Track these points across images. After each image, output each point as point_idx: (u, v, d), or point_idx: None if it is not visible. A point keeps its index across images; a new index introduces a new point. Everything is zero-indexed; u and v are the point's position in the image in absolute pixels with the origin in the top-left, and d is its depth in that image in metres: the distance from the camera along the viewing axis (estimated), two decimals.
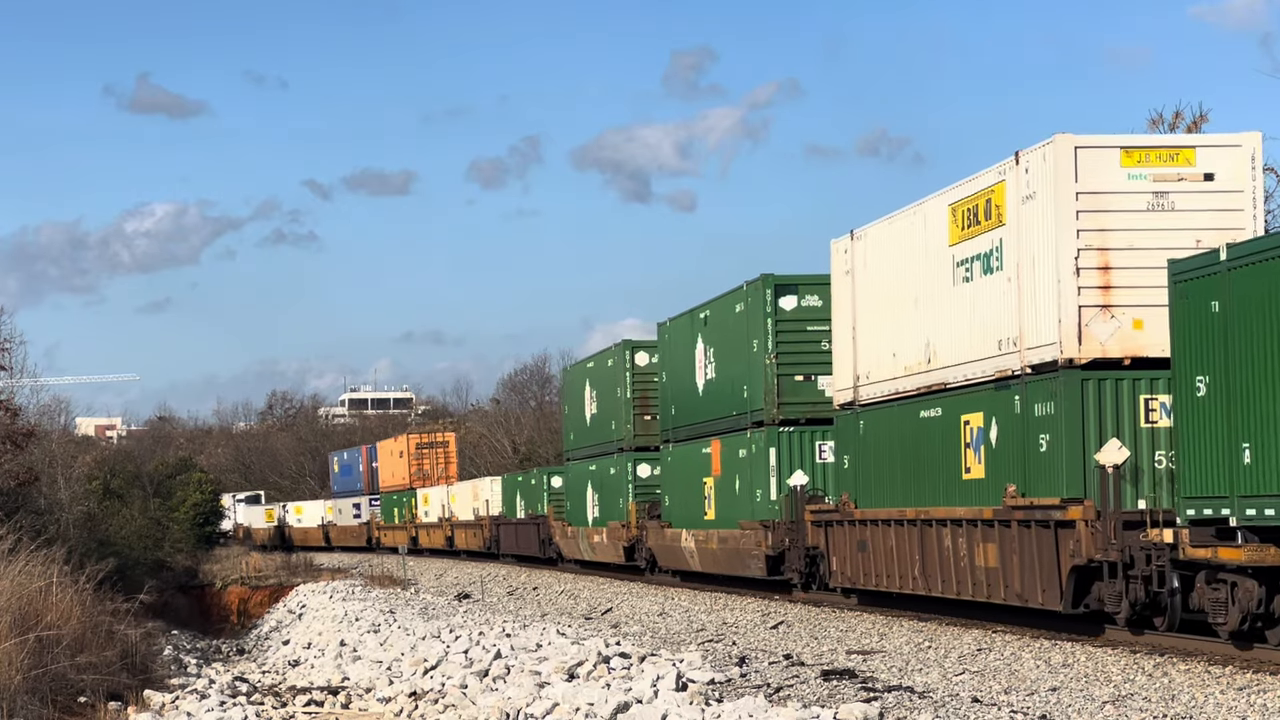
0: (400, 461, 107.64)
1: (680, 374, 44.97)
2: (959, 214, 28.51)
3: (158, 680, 28.33)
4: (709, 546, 41.92)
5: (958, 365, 28.61)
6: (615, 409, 52.33)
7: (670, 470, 46.39)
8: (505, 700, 22.25)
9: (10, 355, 48.49)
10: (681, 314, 45.26)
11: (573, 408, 59.89)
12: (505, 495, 74.04)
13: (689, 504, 43.79)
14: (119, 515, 66.77)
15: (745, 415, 38.82)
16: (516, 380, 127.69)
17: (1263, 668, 20.85)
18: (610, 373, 53.31)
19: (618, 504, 51.67)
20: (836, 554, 33.97)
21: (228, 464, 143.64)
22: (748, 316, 38.74)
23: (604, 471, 53.84)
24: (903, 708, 19.93)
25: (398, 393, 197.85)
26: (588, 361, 57.79)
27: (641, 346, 51.17)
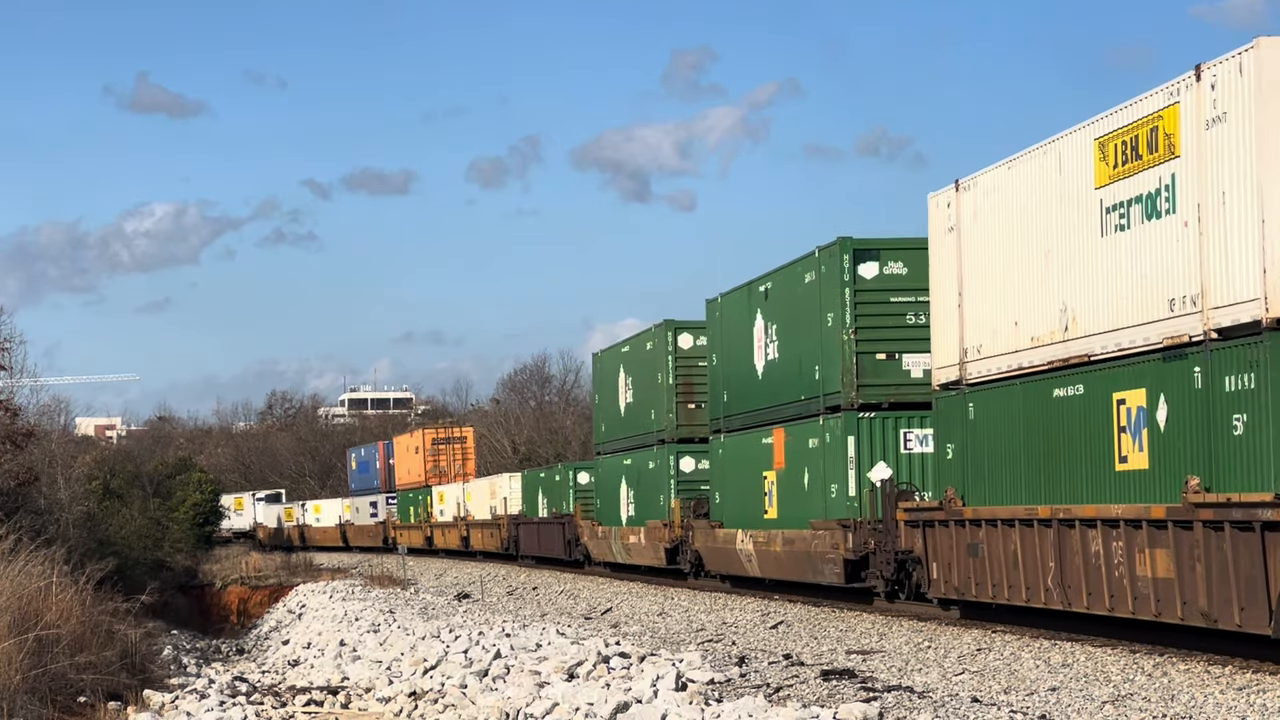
0: (416, 458, 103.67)
1: (735, 355, 40.39)
2: (1110, 149, 23.70)
3: (157, 680, 28.34)
4: (771, 549, 37.46)
5: (1108, 333, 23.80)
6: (655, 397, 48.08)
7: (722, 464, 41.78)
8: (505, 700, 22.25)
9: (10, 355, 48.56)
10: (736, 288, 40.53)
11: (604, 396, 55.29)
12: (526, 493, 70.51)
13: (745, 501, 39.50)
14: (119, 515, 66.83)
15: (816, 400, 34.66)
16: (516, 380, 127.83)
17: (1262, 668, 20.83)
18: (649, 357, 48.87)
19: (657, 501, 47.40)
20: (938, 559, 29.10)
21: (228, 464, 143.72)
22: (820, 287, 34.35)
23: (641, 466, 49.68)
24: (902, 708, 19.92)
25: (398, 393, 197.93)
26: (622, 345, 52.81)
27: (685, 327, 46.87)
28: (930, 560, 29.55)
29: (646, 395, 48.95)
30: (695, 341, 46.16)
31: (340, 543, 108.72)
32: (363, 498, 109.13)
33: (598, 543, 55.52)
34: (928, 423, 31.29)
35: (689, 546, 44.45)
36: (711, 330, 43.14)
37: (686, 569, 45.21)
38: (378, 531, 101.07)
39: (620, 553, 52.24)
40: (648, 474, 48.77)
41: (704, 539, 42.86)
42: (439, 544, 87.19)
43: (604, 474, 55.02)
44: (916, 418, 32.58)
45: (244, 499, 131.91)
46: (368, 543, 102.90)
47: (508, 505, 72.76)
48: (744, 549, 39.28)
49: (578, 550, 59.31)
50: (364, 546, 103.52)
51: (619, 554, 52.59)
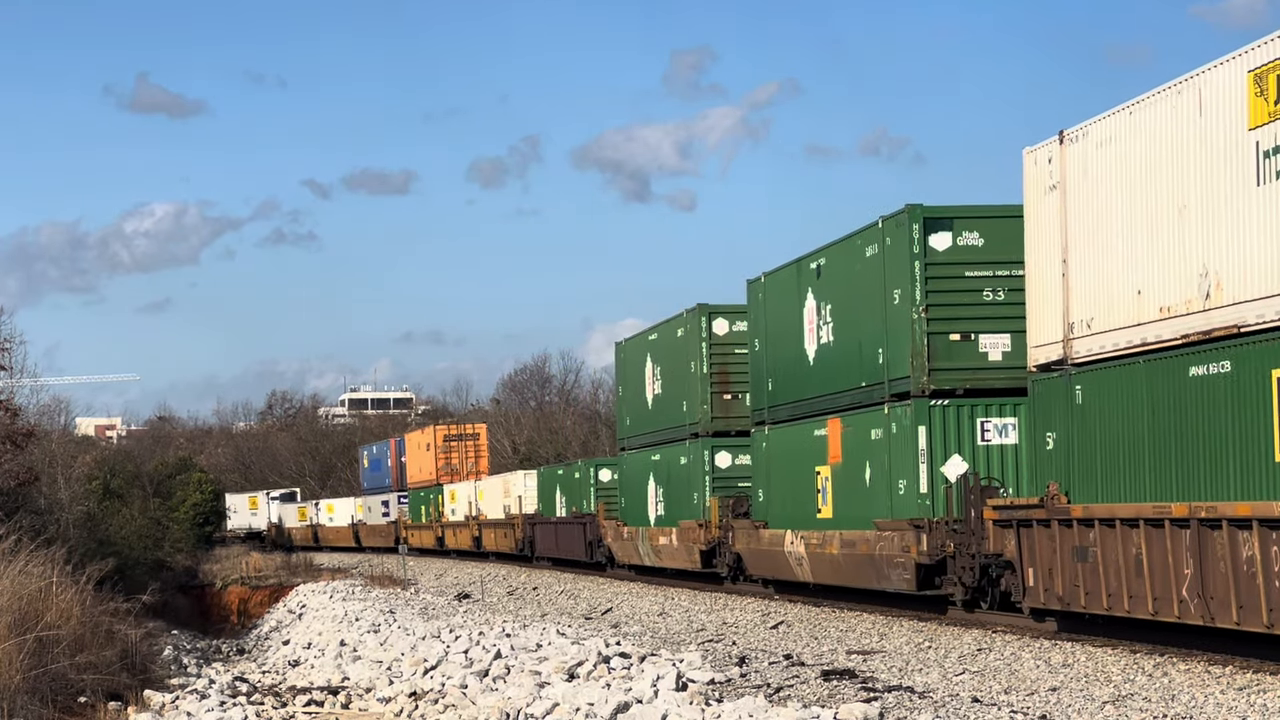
0: (427, 455, 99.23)
1: (781, 340, 36.98)
2: (1269, 83, 20.43)
3: (158, 680, 28.34)
4: (826, 552, 33.91)
5: (1265, 299, 20.50)
6: (687, 388, 44.35)
7: (766, 458, 38.29)
8: (505, 700, 22.25)
9: (10, 355, 48.56)
10: (783, 265, 37.11)
11: (629, 388, 51.39)
12: (542, 491, 67.38)
13: (794, 499, 36.10)
14: (119, 515, 66.91)
15: (879, 386, 31.45)
16: (516, 380, 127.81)
17: (1263, 668, 20.84)
18: (680, 345, 44.99)
19: (691, 500, 43.82)
20: (1036, 564, 25.57)
21: (228, 464, 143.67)
22: (885, 260, 31.10)
23: (671, 462, 45.99)
24: (903, 708, 19.92)
25: (398, 393, 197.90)
26: (649, 333, 48.93)
27: (720, 311, 43.22)
28: (1025, 565, 25.92)
29: (677, 386, 45.40)
30: (731, 327, 42.76)
31: (353, 543, 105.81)
32: (375, 497, 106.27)
33: (623, 544, 51.85)
34: (1007, 411, 29.43)
35: (728, 548, 41.24)
36: (753, 313, 39.58)
37: (724, 573, 42.06)
38: (389, 531, 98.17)
39: (648, 555, 48.74)
40: (679, 470, 45.26)
41: (746, 540, 39.47)
42: (450, 544, 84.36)
43: (629, 471, 51.22)
44: (995, 405, 29.75)
45: (258, 498, 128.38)
46: (379, 543, 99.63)
47: (522, 504, 69.72)
48: (793, 551, 35.85)
49: (600, 552, 56.02)
50: (376, 547, 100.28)
51: (647, 556, 49.05)
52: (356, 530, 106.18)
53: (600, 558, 55.89)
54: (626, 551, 51.47)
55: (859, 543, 32.08)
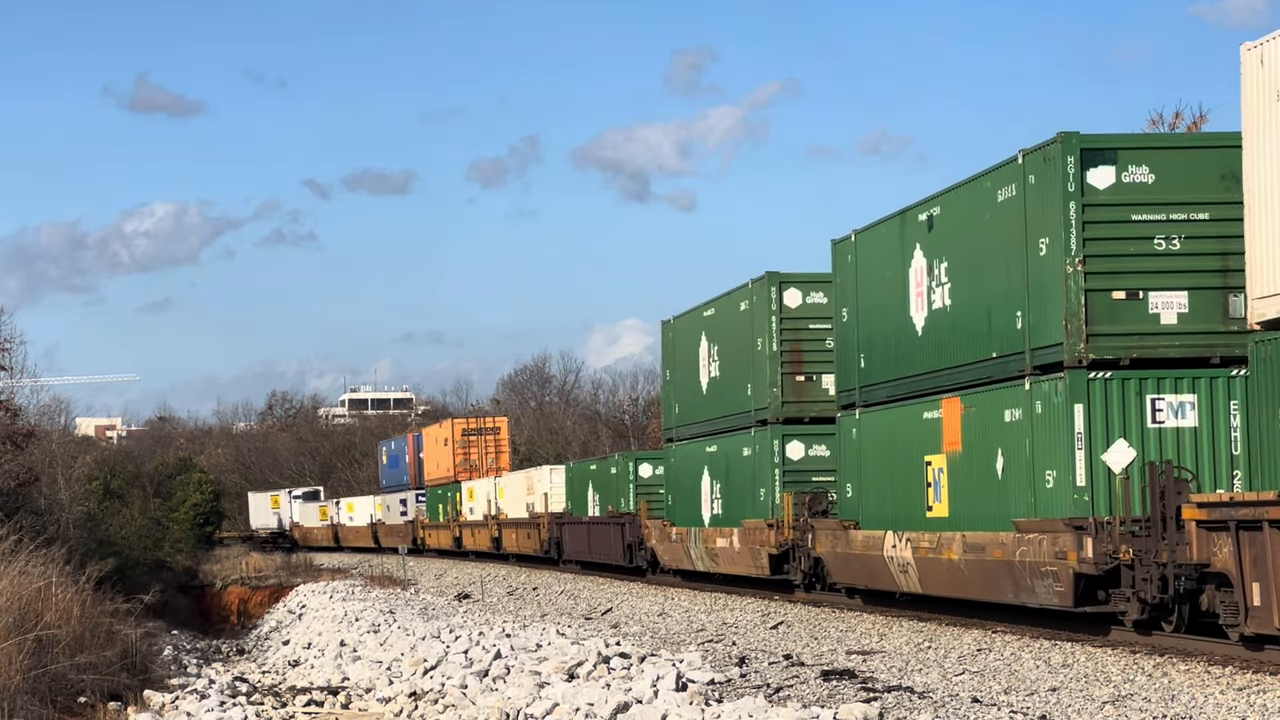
0: (445, 450, 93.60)
1: (879, 307, 31.76)
2: None
3: (158, 680, 28.34)
4: (941, 558, 28.41)
5: None
6: (752, 369, 38.84)
7: (858, 447, 32.85)
8: (505, 700, 22.26)
9: (10, 355, 48.61)
10: (881, 220, 31.98)
11: (679, 372, 45.54)
12: (572, 488, 62.56)
13: (896, 494, 30.99)
14: (119, 515, 66.93)
15: (1017, 357, 26.24)
16: (516, 380, 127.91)
17: (1263, 668, 20.83)
18: (743, 320, 39.55)
19: (756, 497, 38.33)
20: (1270, 578, 20.30)
21: (228, 464, 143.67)
22: (1026, 203, 25.82)
23: (732, 454, 40.52)
24: (903, 708, 19.93)
25: (398, 393, 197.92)
26: (704, 309, 43.24)
27: (793, 280, 37.85)
28: (1249, 580, 20.68)
29: (739, 367, 39.86)
30: (805, 298, 37.77)
31: (372, 543, 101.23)
32: (393, 495, 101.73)
33: (669, 547, 46.16)
34: (1184, 386, 24.50)
35: (804, 552, 35.83)
36: (840, 279, 33.97)
37: (797, 580, 36.63)
38: (407, 531, 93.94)
39: (701, 559, 43.00)
40: (741, 463, 39.66)
41: (830, 543, 33.87)
42: (468, 545, 79.57)
43: (678, 465, 45.47)
44: (1169, 379, 24.56)
45: (280, 497, 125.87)
46: (397, 543, 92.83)
47: (548, 502, 64.81)
48: (896, 557, 30.36)
49: (641, 555, 50.61)
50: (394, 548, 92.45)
51: (699, 561, 43.27)
52: (375, 530, 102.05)
53: (640, 561, 50.87)
54: (674, 555, 46.04)
55: (990, 547, 26.56)
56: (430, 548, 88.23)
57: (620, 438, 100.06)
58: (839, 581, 34.55)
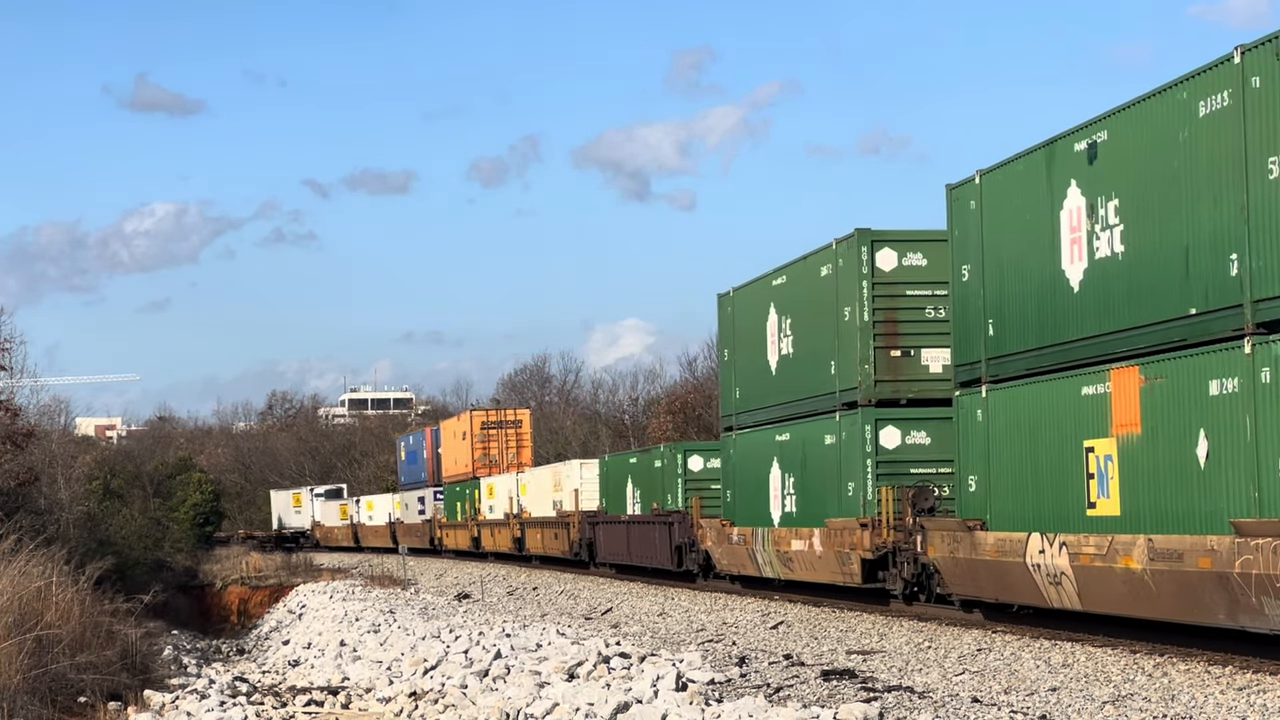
0: (463, 445, 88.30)
1: (1013, 262, 26.51)
2: None
3: (158, 680, 28.35)
4: (1117, 567, 23.13)
5: None
6: (837, 343, 33.79)
7: (982, 432, 27.57)
8: (505, 700, 22.27)
9: (10, 355, 48.63)
10: (1020, 154, 26.27)
11: (740, 351, 40.17)
12: (607, 484, 56.88)
13: (1041, 489, 25.54)
14: (119, 515, 66.95)
15: (1231, 313, 20.98)
16: (516, 380, 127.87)
17: (1263, 668, 20.84)
18: (825, 287, 34.42)
19: (843, 492, 33.41)
20: None
21: (228, 464, 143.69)
22: (1247, 112, 20.65)
23: (810, 442, 35.30)
24: (903, 708, 19.93)
25: (398, 393, 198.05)
26: (773, 276, 37.75)
27: (888, 239, 33.04)
28: None
29: (819, 342, 34.74)
30: (902, 259, 32.96)
31: (391, 543, 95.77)
32: (412, 492, 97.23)
33: (729, 550, 40.85)
34: None
35: (909, 556, 30.99)
36: (959, 230, 28.64)
37: (897, 590, 31.85)
38: (424, 531, 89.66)
39: (771, 564, 37.63)
40: (822, 453, 34.55)
41: (947, 547, 28.71)
42: (487, 546, 74.91)
43: (740, 456, 40.03)
44: None
45: (301, 495, 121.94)
46: (415, 543, 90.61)
47: (579, 499, 59.32)
48: (1045, 565, 25.08)
49: (691, 558, 45.74)
50: (412, 548, 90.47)
51: (768, 566, 37.90)
52: (394, 529, 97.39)
53: (691, 566, 45.86)
54: (734, 559, 40.71)
55: (1192, 554, 21.40)
56: (448, 548, 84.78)
57: (620, 438, 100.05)
58: (956, 593, 29.14)
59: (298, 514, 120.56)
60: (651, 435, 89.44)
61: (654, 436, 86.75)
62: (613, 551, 54.24)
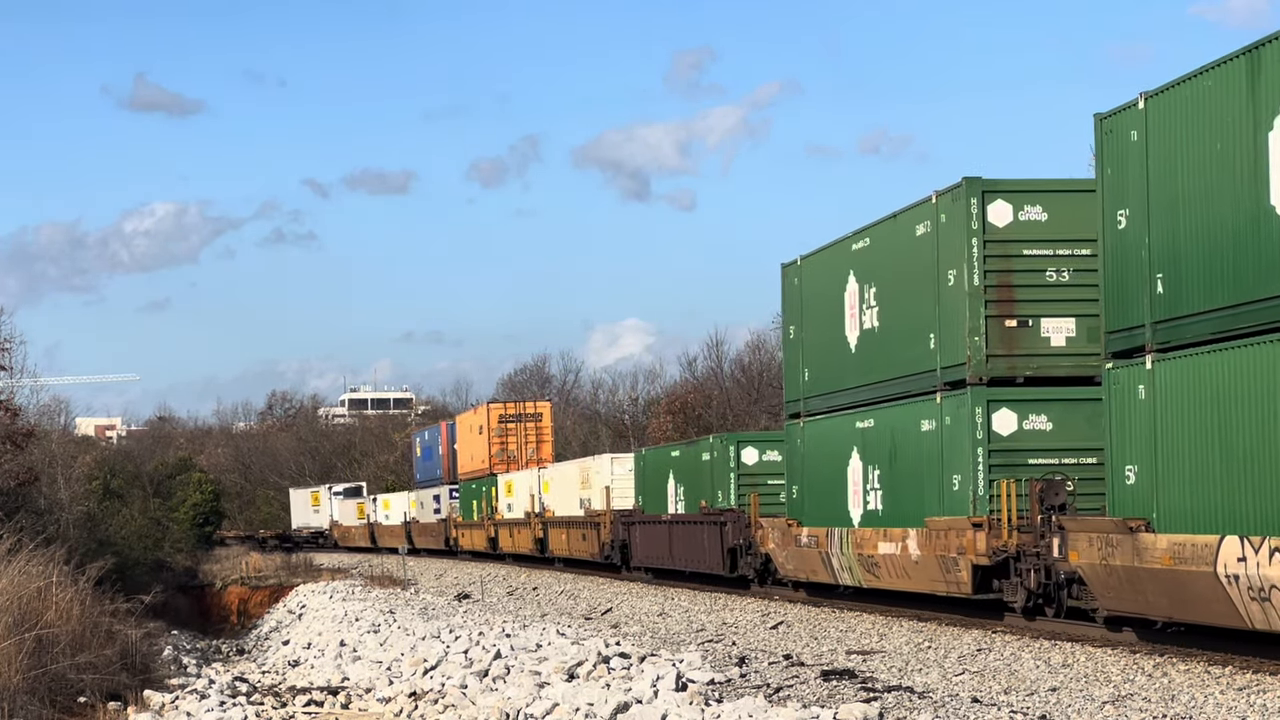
0: (479, 440, 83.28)
1: (1195, 200, 21.83)
2: None
3: (158, 680, 28.36)
4: None
5: None
6: (938, 312, 29.35)
7: (1146, 412, 22.89)
8: (505, 700, 22.27)
9: (10, 355, 48.61)
10: (1211, 65, 21.55)
11: (811, 326, 35.59)
12: (645, 479, 51.82)
13: (1237, 482, 20.87)
14: (119, 515, 66.94)
15: None
16: (516, 380, 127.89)
17: (1263, 668, 20.85)
18: (922, 248, 29.96)
19: (947, 486, 28.81)
20: None
21: (228, 464, 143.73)
22: None
23: (903, 429, 30.78)
24: (903, 708, 19.94)
25: (398, 393, 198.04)
26: (853, 240, 33.11)
27: (1002, 190, 28.25)
28: None
29: (914, 312, 30.32)
30: (1018, 214, 28.26)
31: (406, 543, 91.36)
32: (428, 490, 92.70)
33: (796, 553, 36.07)
34: None
35: (1042, 564, 26.46)
36: (1114, 165, 23.84)
37: (1018, 602, 27.39)
38: (439, 531, 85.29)
39: (850, 570, 33.10)
40: (918, 441, 30.14)
41: (1097, 552, 23.75)
42: (505, 547, 70.61)
43: (811, 446, 35.56)
44: None
45: (320, 493, 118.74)
46: (430, 544, 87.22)
47: (610, 497, 54.53)
48: (1247, 576, 20.21)
49: (748, 563, 41.31)
50: (429, 549, 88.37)
51: (846, 571, 33.32)
52: (409, 529, 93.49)
53: (748, 570, 41.47)
54: (803, 563, 35.91)
55: None
56: (464, 549, 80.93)
57: (620, 437, 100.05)
58: (1111, 608, 24.21)
59: (316, 513, 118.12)
60: (651, 435, 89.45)
61: (654, 437, 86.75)
62: (651, 554, 49.49)
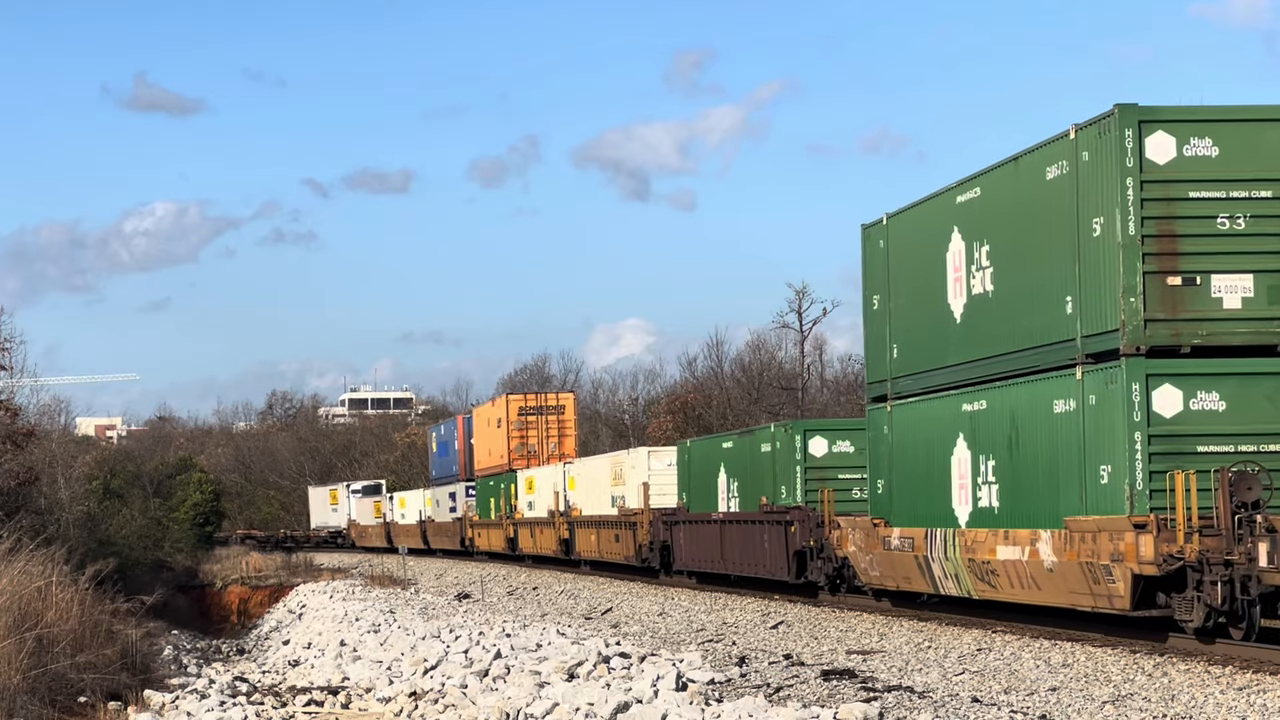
0: (498, 434, 78.65)
1: None
2: None
3: (158, 680, 28.36)
4: None
5: None
6: (1077, 271, 24.40)
7: None
8: (505, 700, 22.27)
9: (10, 355, 48.64)
10: None
11: (903, 293, 31.15)
12: (690, 474, 46.80)
13: None
14: (119, 515, 66.96)
15: None
16: (516, 380, 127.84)
17: (1263, 668, 20.84)
18: (1054, 194, 25.18)
19: (1091, 479, 23.89)
20: None
21: (228, 464, 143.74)
22: None
23: (1026, 410, 26.05)
24: (903, 708, 19.93)
25: (398, 393, 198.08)
26: (958, 190, 28.51)
27: (1162, 119, 23.50)
28: None
29: (1044, 271, 25.51)
30: (1183, 149, 23.47)
31: (421, 544, 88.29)
32: (443, 488, 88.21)
33: (884, 558, 31.35)
34: None
35: (1228, 574, 21.85)
36: None
37: (1193, 620, 22.52)
38: (455, 530, 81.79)
39: (958, 577, 28.30)
40: (1047, 425, 25.43)
41: None
42: (525, 548, 66.85)
43: (901, 434, 31.12)
44: None
45: (338, 491, 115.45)
46: (446, 544, 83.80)
47: (648, 494, 49.92)
48: None
49: (817, 567, 36.56)
50: (444, 549, 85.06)
51: (952, 579, 28.58)
52: (424, 528, 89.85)
53: (818, 576, 36.68)
54: (893, 569, 31.14)
55: None
56: (480, 550, 77.00)
57: (620, 437, 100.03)
58: None
59: (334, 512, 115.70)
60: (651, 435, 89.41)
61: (654, 437, 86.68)
62: (698, 557, 44.89)
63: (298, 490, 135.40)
